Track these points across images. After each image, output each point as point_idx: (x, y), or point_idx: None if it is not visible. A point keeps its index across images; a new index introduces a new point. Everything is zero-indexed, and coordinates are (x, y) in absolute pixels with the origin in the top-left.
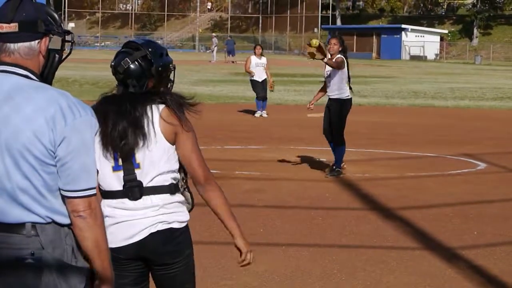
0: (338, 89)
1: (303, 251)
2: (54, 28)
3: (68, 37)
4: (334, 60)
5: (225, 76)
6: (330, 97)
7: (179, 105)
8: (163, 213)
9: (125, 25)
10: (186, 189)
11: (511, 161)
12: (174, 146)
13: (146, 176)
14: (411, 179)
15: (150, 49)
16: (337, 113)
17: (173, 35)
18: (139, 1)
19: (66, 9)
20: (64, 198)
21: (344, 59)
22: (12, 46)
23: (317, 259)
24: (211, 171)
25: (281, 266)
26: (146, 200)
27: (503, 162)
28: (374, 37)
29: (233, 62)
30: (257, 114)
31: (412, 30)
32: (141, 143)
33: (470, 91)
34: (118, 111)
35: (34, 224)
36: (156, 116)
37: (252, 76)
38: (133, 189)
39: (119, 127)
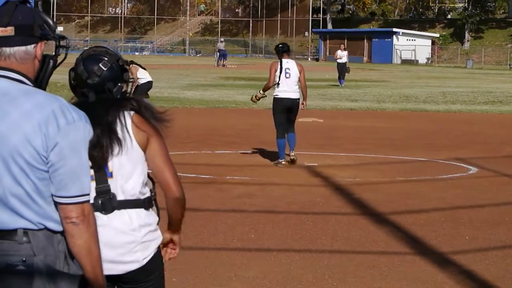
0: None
1: (294, 257)
2: (50, 33)
3: (62, 42)
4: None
5: (215, 80)
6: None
7: (150, 112)
8: (138, 249)
9: (114, 28)
10: (154, 202)
11: (503, 165)
12: (144, 157)
13: (119, 186)
14: (402, 183)
15: (119, 55)
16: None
17: (163, 39)
18: (128, 5)
19: (55, 13)
20: (56, 204)
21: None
22: (8, 50)
23: (308, 264)
24: (202, 176)
25: (272, 272)
26: (121, 215)
27: (494, 167)
28: (365, 40)
29: (224, 65)
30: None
31: (403, 34)
32: (116, 150)
33: (461, 95)
34: (90, 118)
35: (26, 231)
36: (128, 122)
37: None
38: (106, 201)
39: (94, 135)
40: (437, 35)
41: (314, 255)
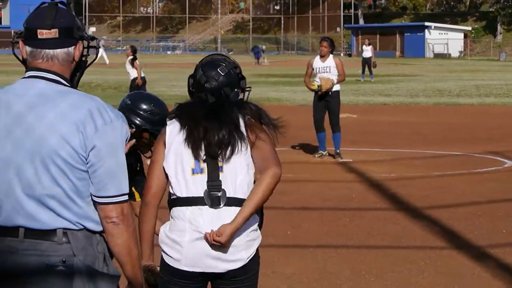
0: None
1: (331, 253)
2: (86, 36)
3: (92, 43)
4: (340, 72)
5: (248, 77)
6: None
7: (268, 118)
8: (243, 248)
9: (146, 28)
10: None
11: None
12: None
13: (230, 183)
14: (437, 178)
15: (237, 63)
16: (337, 103)
17: (195, 37)
18: (160, 4)
19: (87, 14)
20: (96, 204)
21: (340, 60)
22: (51, 52)
23: (345, 260)
24: None
25: (309, 268)
26: (229, 211)
27: None
28: (397, 35)
29: (259, 63)
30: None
31: (435, 28)
32: (237, 147)
33: (495, 88)
34: (210, 115)
35: (65, 231)
36: (242, 124)
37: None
38: (216, 197)
39: (220, 124)
40: (469, 28)
41: (351, 251)
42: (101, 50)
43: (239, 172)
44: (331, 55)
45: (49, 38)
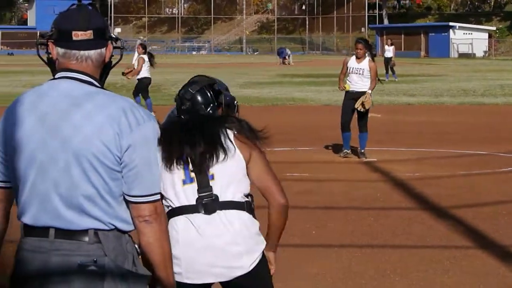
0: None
1: (355, 252)
2: (114, 37)
3: (117, 43)
4: (373, 76)
5: (273, 78)
6: (359, 90)
7: (250, 129)
8: (244, 253)
9: (171, 29)
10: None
11: None
12: (246, 169)
13: (220, 189)
14: (462, 177)
15: (216, 81)
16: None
17: (220, 38)
18: (185, 5)
19: (112, 15)
20: (128, 203)
21: (375, 65)
22: (86, 53)
23: (369, 260)
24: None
25: (334, 268)
26: (223, 216)
27: None
28: (422, 35)
29: (284, 63)
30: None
31: (460, 28)
32: (221, 157)
33: None
34: (192, 127)
35: (96, 231)
36: (231, 135)
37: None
38: (208, 203)
39: (196, 140)
40: (494, 28)
41: (376, 250)
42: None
43: (231, 178)
44: (367, 57)
45: (84, 40)
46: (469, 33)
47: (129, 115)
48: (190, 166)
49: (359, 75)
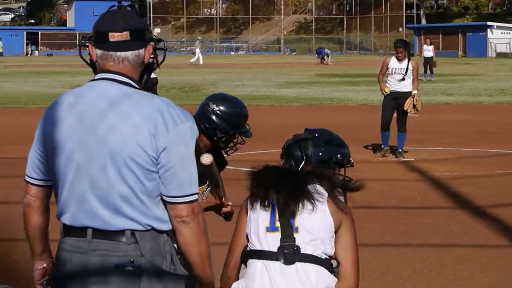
0: (409, 83)
1: (393, 251)
2: (154, 37)
3: (160, 45)
4: (414, 76)
5: (311, 78)
6: (400, 90)
7: (343, 184)
8: None
9: (210, 29)
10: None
11: None
12: (333, 233)
13: (303, 241)
14: (500, 177)
15: (316, 134)
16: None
17: (258, 38)
18: (223, 6)
19: (151, 15)
20: (166, 204)
21: (416, 64)
22: (123, 54)
23: (407, 259)
24: None
25: (371, 267)
26: (301, 268)
27: None
28: (459, 35)
29: (323, 63)
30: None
31: (498, 27)
32: (307, 205)
33: None
34: (284, 174)
35: (133, 232)
36: (322, 192)
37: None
38: (289, 253)
39: (283, 186)
40: None
41: (413, 249)
42: (198, 51)
43: (316, 234)
44: (407, 58)
45: (121, 41)
46: (507, 33)
47: (165, 115)
48: (277, 215)
49: (402, 75)
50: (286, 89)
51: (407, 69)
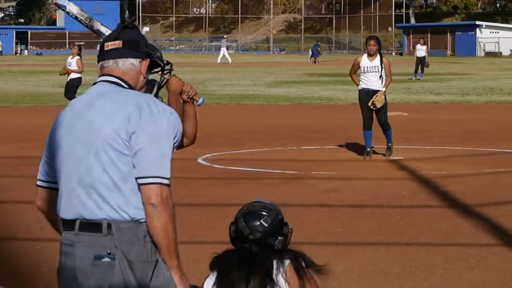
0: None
1: (381, 250)
2: (156, 56)
3: (167, 67)
4: (387, 74)
5: (300, 77)
6: (375, 88)
7: (311, 263)
8: None
9: (199, 28)
10: None
11: None
12: None
13: None
14: (488, 175)
15: (278, 209)
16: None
17: (247, 37)
18: (212, 5)
19: (140, 14)
20: (139, 189)
21: (388, 61)
22: (114, 60)
23: (395, 257)
24: (289, 172)
25: (360, 265)
26: None
27: None
28: (448, 34)
29: (315, 62)
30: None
31: (487, 27)
32: None
33: None
34: (243, 264)
35: (109, 223)
36: (281, 270)
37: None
38: None
39: (251, 278)
40: None
41: (401, 248)
42: (224, 49)
43: None
44: (379, 55)
45: (113, 49)
46: (495, 32)
47: (142, 103)
48: None
49: (375, 73)
50: (275, 88)
51: (381, 66)
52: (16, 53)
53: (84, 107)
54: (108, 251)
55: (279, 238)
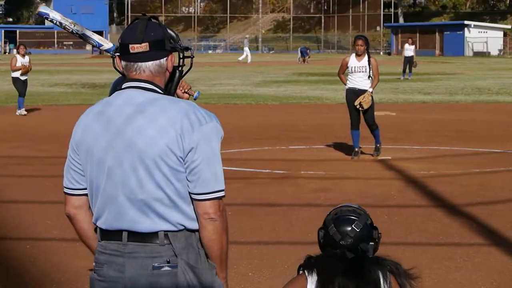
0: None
1: None
2: (177, 46)
3: (187, 53)
4: (374, 74)
5: (289, 76)
6: (362, 88)
7: (405, 273)
8: None
9: (188, 27)
10: None
11: None
12: None
13: None
14: (476, 175)
15: (367, 213)
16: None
17: (236, 36)
18: (201, 4)
19: (129, 14)
20: (193, 202)
21: (376, 61)
22: (143, 64)
23: None
24: (277, 171)
25: None
26: None
27: None
28: (437, 34)
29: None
30: None
31: (475, 26)
32: None
33: None
34: (349, 272)
35: (166, 233)
36: (387, 281)
37: None
38: None
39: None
40: (509, 26)
41: (389, 247)
42: (246, 49)
43: None
44: (367, 55)
45: (140, 52)
46: (484, 32)
47: (191, 116)
48: None
49: (363, 73)
50: (264, 88)
51: (369, 66)
52: (5, 52)
53: (122, 120)
54: (167, 260)
55: (371, 243)
